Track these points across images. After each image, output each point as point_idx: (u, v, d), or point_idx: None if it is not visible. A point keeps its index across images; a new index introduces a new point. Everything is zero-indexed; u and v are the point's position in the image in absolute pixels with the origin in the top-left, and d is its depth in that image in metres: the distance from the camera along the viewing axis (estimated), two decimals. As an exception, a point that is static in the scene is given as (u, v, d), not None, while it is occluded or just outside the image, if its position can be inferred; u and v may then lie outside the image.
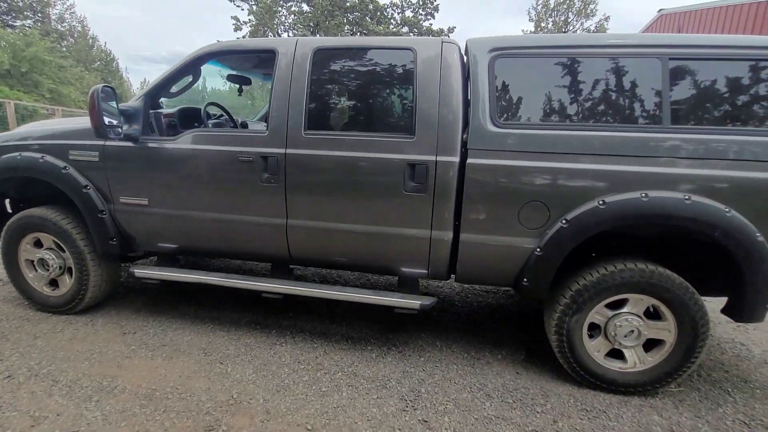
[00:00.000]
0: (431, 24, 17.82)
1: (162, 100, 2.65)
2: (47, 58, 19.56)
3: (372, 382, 2.19)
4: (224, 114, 3.04)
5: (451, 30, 17.62)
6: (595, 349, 2.15)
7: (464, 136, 2.08)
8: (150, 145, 2.38)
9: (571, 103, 2.05)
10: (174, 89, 2.54)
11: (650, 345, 2.12)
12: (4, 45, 18.18)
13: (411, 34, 17.53)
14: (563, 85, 2.05)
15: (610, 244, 2.27)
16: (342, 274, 3.77)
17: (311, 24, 16.89)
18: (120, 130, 2.26)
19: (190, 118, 2.72)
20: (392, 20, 17.89)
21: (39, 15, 31.13)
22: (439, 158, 2.07)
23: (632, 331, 2.07)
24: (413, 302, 2.25)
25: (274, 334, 2.64)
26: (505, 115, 2.06)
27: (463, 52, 2.25)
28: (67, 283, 2.65)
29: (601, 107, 2.02)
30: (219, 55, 2.47)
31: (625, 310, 2.08)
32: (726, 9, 9.63)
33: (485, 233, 2.11)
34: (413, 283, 2.39)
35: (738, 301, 1.97)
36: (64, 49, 30.31)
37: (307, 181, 2.23)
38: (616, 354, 2.16)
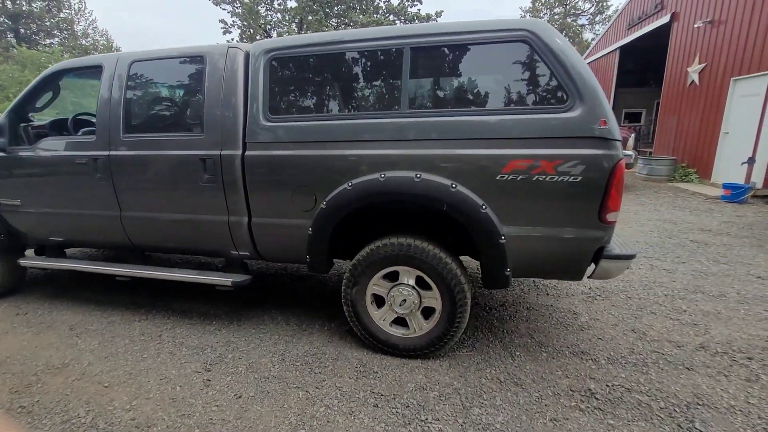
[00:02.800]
0: (419, 9, 17.68)
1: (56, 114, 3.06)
2: (69, 74, 20.96)
3: (192, 350, 2.52)
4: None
5: (438, 14, 17.39)
6: (380, 317, 2.37)
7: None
8: (16, 154, 2.80)
9: (328, 95, 2.25)
10: (39, 104, 2.94)
11: (430, 312, 2.32)
12: (30, 65, 19.82)
13: (398, 21, 17.46)
14: (322, 79, 2.25)
15: (398, 221, 2.46)
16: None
17: (296, 21, 17.21)
18: None
19: (59, 128, 3.13)
20: (379, 9, 17.85)
21: (66, 32, 33.41)
22: (223, 152, 2.34)
23: (404, 300, 2.28)
24: (225, 280, 2.55)
25: (141, 312, 3.03)
26: (276, 110, 2.30)
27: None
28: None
29: (353, 97, 2.21)
30: (65, 72, 2.84)
31: (400, 281, 2.29)
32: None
33: (270, 216, 2.37)
34: (238, 264, 2.69)
35: (481, 268, 2.13)
36: (89, 62, 32.23)
37: (130, 177, 2.57)
38: (404, 322, 2.37)
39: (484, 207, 1.99)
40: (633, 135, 8.18)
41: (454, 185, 2.00)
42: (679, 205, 6.59)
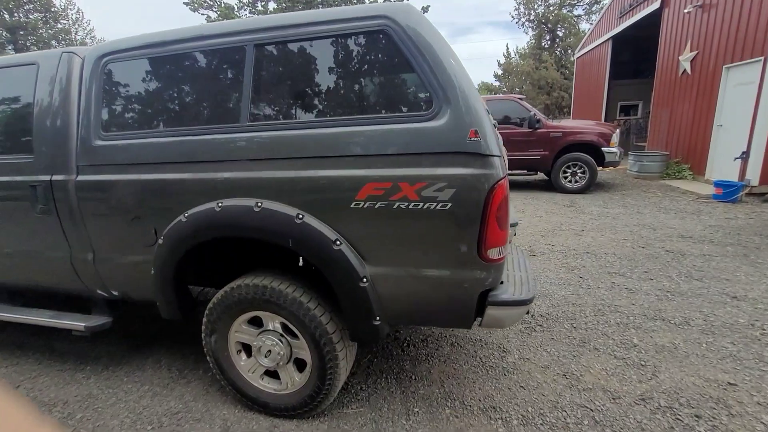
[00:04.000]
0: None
1: None
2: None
3: (42, 406, 2.15)
4: None
5: (425, 9, 16.86)
6: (249, 369, 1.98)
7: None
8: None
9: (164, 108, 1.86)
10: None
11: (304, 365, 1.92)
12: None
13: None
14: (158, 87, 1.86)
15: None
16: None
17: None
18: None
19: None
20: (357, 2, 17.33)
21: (64, 42, 33.63)
22: (54, 178, 1.96)
23: (269, 351, 1.88)
24: (78, 324, 2.18)
25: (16, 355, 2.67)
26: (109, 127, 1.91)
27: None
28: None
29: (189, 110, 1.81)
30: None
31: (266, 328, 1.89)
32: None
33: (115, 252, 1.99)
34: (103, 304, 2.31)
35: (344, 317, 1.72)
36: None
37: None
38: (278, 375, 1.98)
39: (338, 243, 1.58)
40: (618, 130, 7.65)
41: (300, 216, 1.59)
42: (665, 207, 6.07)
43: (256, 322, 1.91)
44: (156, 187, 1.80)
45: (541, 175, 8.51)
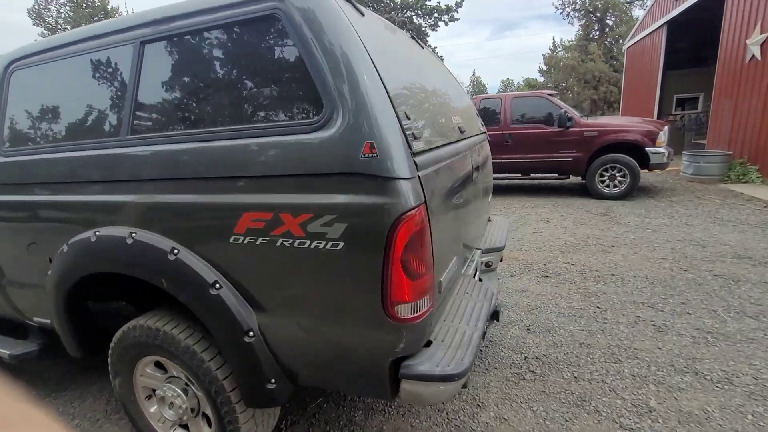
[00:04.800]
0: (438, 2, 16.47)
1: None
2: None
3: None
4: None
5: (459, 4, 16.14)
6: (158, 419, 1.71)
7: None
8: None
9: (59, 120, 1.63)
10: None
11: (214, 419, 1.62)
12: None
13: (412, 15, 16.43)
14: (56, 97, 1.65)
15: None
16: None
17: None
18: None
19: None
20: (390, 2, 16.88)
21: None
22: (-38, 198, 1.82)
23: (172, 403, 1.60)
24: (3, 351, 2.04)
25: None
26: (14, 141, 1.73)
27: None
28: None
29: (83, 121, 1.57)
30: None
31: (171, 374, 1.61)
32: None
33: (22, 278, 1.81)
34: (36, 330, 2.17)
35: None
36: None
37: None
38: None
39: (217, 286, 1.25)
40: (666, 128, 6.67)
41: (175, 251, 1.29)
42: (721, 217, 5.14)
43: (163, 366, 1.65)
44: (44, 211, 1.59)
45: (575, 179, 7.69)
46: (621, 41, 22.97)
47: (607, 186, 6.64)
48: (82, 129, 1.55)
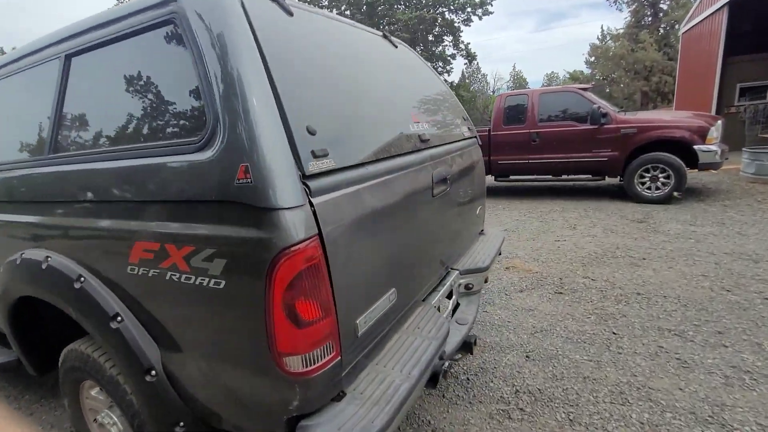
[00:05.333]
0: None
1: None
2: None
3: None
4: None
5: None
6: (104, 445, 1.67)
7: None
8: None
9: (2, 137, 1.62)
10: None
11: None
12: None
13: (444, 11, 15.83)
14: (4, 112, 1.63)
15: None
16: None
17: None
18: None
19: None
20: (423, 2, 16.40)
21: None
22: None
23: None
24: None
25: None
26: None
27: None
28: None
29: (14, 138, 1.54)
30: None
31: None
32: None
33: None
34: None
35: None
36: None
37: None
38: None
39: (119, 318, 1.15)
40: (720, 123, 5.88)
41: (81, 278, 1.20)
42: (785, 225, 4.43)
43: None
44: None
45: (612, 180, 7.04)
46: (677, 26, 21.01)
47: (648, 188, 5.99)
48: (23, 147, 1.53)
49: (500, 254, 2.50)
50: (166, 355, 1.15)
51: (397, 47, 1.97)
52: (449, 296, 1.87)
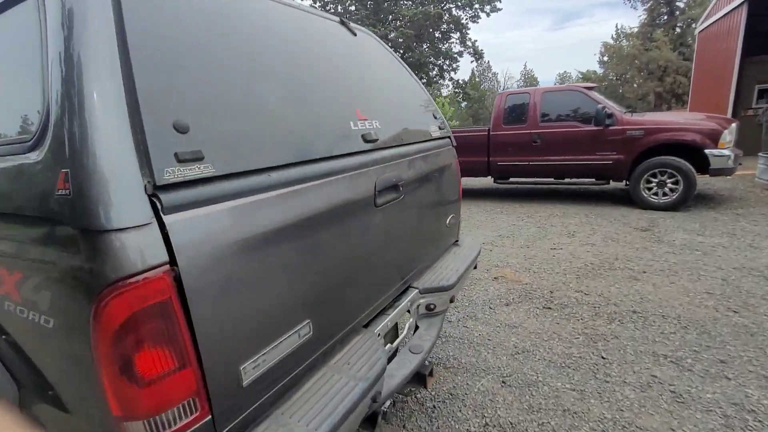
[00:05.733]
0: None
1: None
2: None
3: None
4: None
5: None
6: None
7: None
8: None
9: None
10: None
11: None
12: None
13: (451, 7, 15.45)
14: None
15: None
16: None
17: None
18: None
19: None
20: None
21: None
22: None
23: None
24: None
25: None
26: None
27: None
28: None
29: None
30: None
31: None
32: None
33: None
34: None
35: None
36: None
37: None
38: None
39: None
40: (734, 125, 5.52)
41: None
42: (802, 238, 4.09)
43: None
44: None
45: (617, 184, 6.71)
46: (693, 25, 20.35)
47: (655, 194, 5.67)
48: None
49: (476, 268, 2.25)
50: (22, 395, 0.95)
51: (356, 35, 1.75)
52: (404, 318, 1.64)
